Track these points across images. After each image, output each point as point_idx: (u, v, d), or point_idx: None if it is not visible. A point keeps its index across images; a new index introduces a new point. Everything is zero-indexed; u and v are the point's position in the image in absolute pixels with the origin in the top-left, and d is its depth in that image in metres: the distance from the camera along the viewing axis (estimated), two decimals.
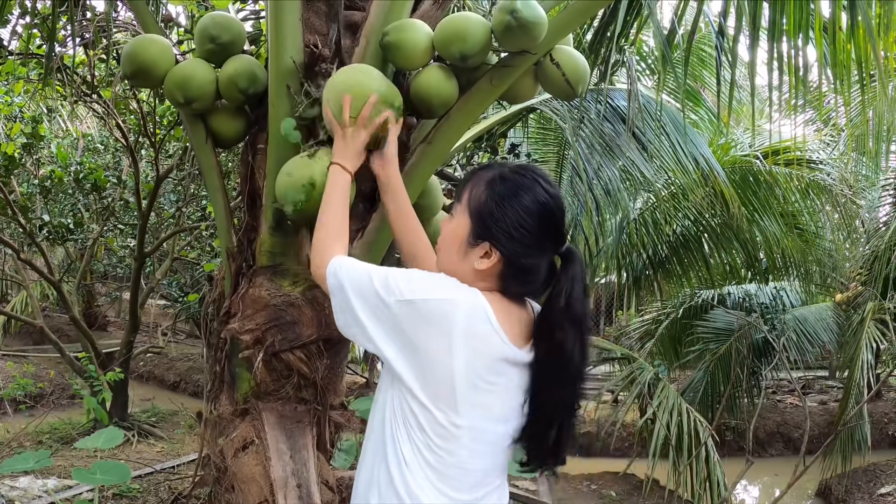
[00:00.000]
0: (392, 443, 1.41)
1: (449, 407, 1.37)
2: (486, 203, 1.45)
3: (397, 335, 1.40)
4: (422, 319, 1.37)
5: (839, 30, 2.74)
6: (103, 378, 5.81)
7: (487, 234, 1.44)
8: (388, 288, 1.40)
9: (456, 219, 1.51)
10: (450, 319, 1.35)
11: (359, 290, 1.46)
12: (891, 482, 7.03)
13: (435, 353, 1.36)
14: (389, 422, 1.43)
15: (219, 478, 2.22)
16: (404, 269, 1.50)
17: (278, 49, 2.08)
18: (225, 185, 2.40)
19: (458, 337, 1.35)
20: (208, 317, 2.43)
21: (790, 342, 7.73)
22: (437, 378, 1.37)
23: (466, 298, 1.38)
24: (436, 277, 1.44)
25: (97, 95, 5.69)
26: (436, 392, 1.37)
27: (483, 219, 1.45)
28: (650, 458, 5.41)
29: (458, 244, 1.48)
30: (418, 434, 1.38)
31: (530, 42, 2.02)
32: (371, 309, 1.43)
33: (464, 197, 1.50)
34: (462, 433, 1.39)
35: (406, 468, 1.39)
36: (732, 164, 6.32)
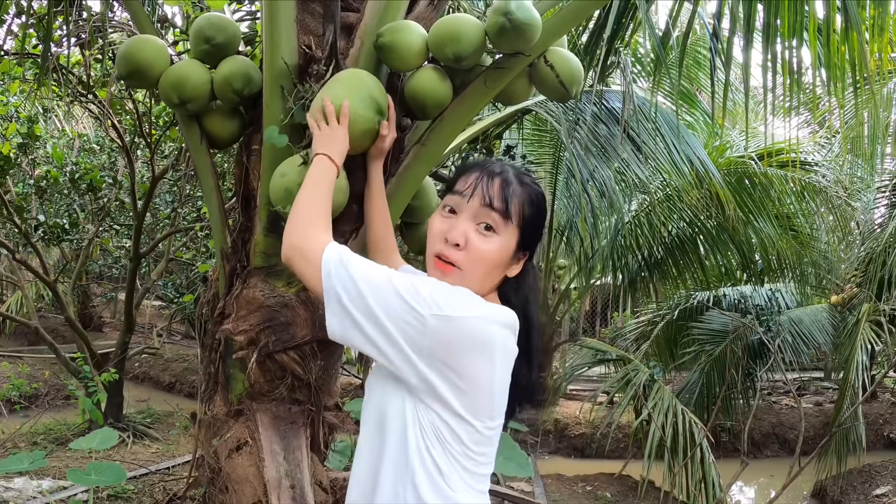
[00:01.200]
0: (420, 458, 1.34)
1: (487, 416, 1.38)
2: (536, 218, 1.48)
3: (430, 351, 1.31)
4: (460, 338, 1.32)
5: (833, 32, 2.75)
6: (98, 379, 5.80)
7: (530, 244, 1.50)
8: (420, 298, 1.31)
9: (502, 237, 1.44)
10: (492, 339, 1.34)
11: (380, 294, 1.33)
12: (886, 483, 7.04)
13: (477, 370, 1.34)
14: (414, 437, 1.35)
15: (213, 479, 2.22)
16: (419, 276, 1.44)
17: (273, 50, 2.08)
18: (220, 186, 2.41)
19: (498, 355, 1.36)
20: (203, 317, 2.43)
21: (785, 344, 7.74)
22: (480, 393, 1.35)
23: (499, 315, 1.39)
24: (465, 293, 1.37)
25: (93, 95, 5.68)
26: (476, 405, 1.35)
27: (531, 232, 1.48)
28: (645, 459, 5.41)
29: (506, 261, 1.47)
30: (455, 446, 1.35)
31: (524, 44, 2.03)
32: (398, 318, 1.31)
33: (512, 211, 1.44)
34: (492, 433, 1.42)
35: (442, 480, 1.35)
36: (728, 166, 6.33)
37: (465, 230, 1.43)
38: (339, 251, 1.40)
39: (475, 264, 1.43)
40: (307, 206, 1.55)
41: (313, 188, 1.60)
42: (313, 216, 1.53)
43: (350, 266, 1.36)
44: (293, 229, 1.50)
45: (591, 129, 4.18)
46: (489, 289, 1.48)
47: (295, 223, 1.52)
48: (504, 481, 5.77)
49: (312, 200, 1.57)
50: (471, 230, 1.43)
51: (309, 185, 1.61)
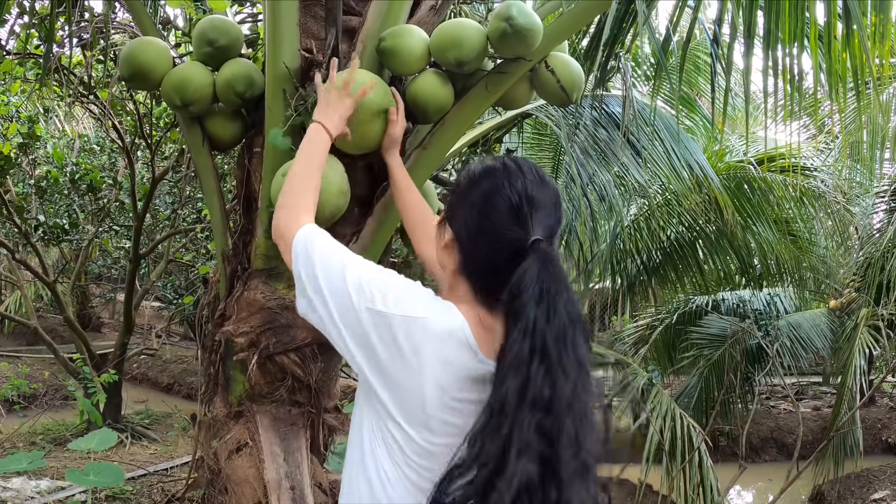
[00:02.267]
0: (372, 458, 1.30)
1: (424, 427, 1.27)
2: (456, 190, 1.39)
3: (365, 344, 1.28)
4: (390, 335, 1.25)
5: (834, 38, 2.76)
6: (97, 380, 5.80)
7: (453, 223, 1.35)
8: (360, 289, 1.28)
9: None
10: (420, 341, 1.24)
11: (330, 277, 1.33)
12: (884, 487, 7.05)
13: (404, 374, 1.25)
14: (368, 439, 1.32)
15: (212, 480, 2.22)
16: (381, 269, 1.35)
17: (275, 53, 2.09)
18: (221, 188, 2.41)
19: (428, 360, 1.24)
20: (203, 319, 2.44)
21: (784, 348, 7.75)
22: (408, 398, 1.26)
23: (440, 317, 1.27)
24: (411, 290, 1.31)
25: (94, 96, 5.69)
26: (408, 411, 1.27)
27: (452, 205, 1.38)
28: (644, 463, 5.42)
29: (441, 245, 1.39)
30: (399, 454, 1.28)
31: (525, 49, 2.04)
32: (342, 306, 1.30)
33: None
34: (439, 450, 1.28)
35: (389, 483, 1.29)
36: (727, 171, 6.34)
37: None
38: (308, 233, 1.42)
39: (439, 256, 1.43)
40: (296, 186, 1.57)
41: (305, 164, 1.62)
42: (299, 199, 1.54)
43: (313, 248, 1.38)
44: (279, 213, 1.54)
45: (590, 134, 4.19)
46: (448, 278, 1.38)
47: (282, 205, 1.54)
48: None
49: (302, 179, 1.58)
50: None
51: (301, 161, 1.63)
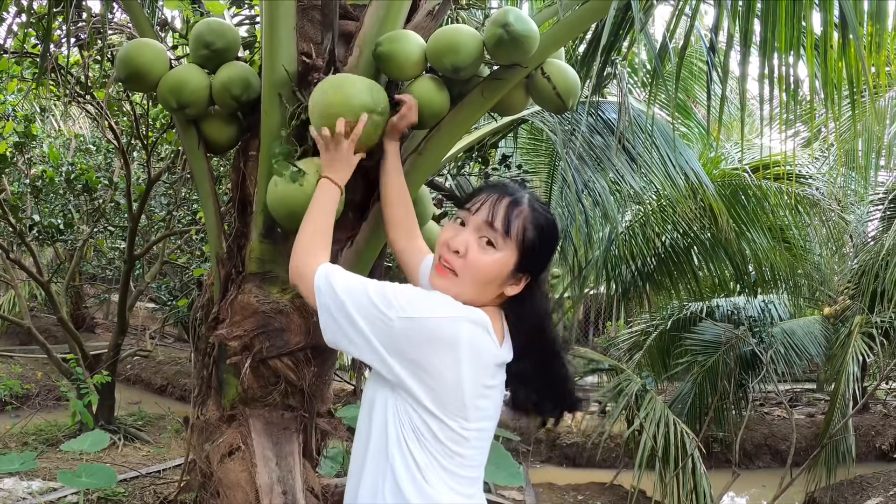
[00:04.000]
0: (400, 451, 1.45)
1: (459, 415, 1.45)
2: (537, 243, 1.53)
3: (400, 350, 1.43)
4: (426, 337, 1.42)
5: (830, 47, 2.77)
6: (90, 381, 5.78)
7: (531, 269, 1.55)
8: (388, 302, 1.44)
9: (500, 253, 1.51)
10: (456, 337, 1.42)
11: (357, 300, 1.47)
12: (877, 494, 7.07)
13: (443, 369, 1.42)
14: (394, 431, 1.46)
15: (204, 483, 2.22)
16: (397, 284, 1.51)
17: (272, 57, 2.09)
18: (216, 191, 2.41)
19: (464, 353, 1.42)
20: (197, 322, 2.43)
21: (778, 355, 7.75)
22: (447, 391, 1.43)
23: (469, 315, 1.45)
24: (434, 296, 1.48)
25: (90, 96, 5.68)
26: (445, 403, 1.44)
27: (531, 257, 1.53)
28: (637, 469, 5.43)
29: (502, 278, 1.53)
30: (432, 443, 1.44)
31: (522, 55, 2.05)
32: (372, 322, 1.44)
33: (513, 232, 1.51)
34: (471, 435, 1.48)
35: (419, 474, 1.44)
36: (722, 178, 6.35)
37: (467, 240, 1.53)
38: (327, 269, 1.56)
39: (469, 273, 1.51)
40: (310, 233, 1.71)
41: (319, 215, 1.75)
42: (315, 243, 1.69)
43: (333, 279, 1.53)
44: (298, 257, 1.67)
45: (586, 140, 4.19)
46: (484, 302, 1.54)
47: (299, 250, 1.68)
48: (495, 490, 5.76)
49: (316, 227, 1.72)
50: (472, 241, 1.53)
51: (315, 211, 1.76)
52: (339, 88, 1.91)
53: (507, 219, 1.52)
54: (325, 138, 1.84)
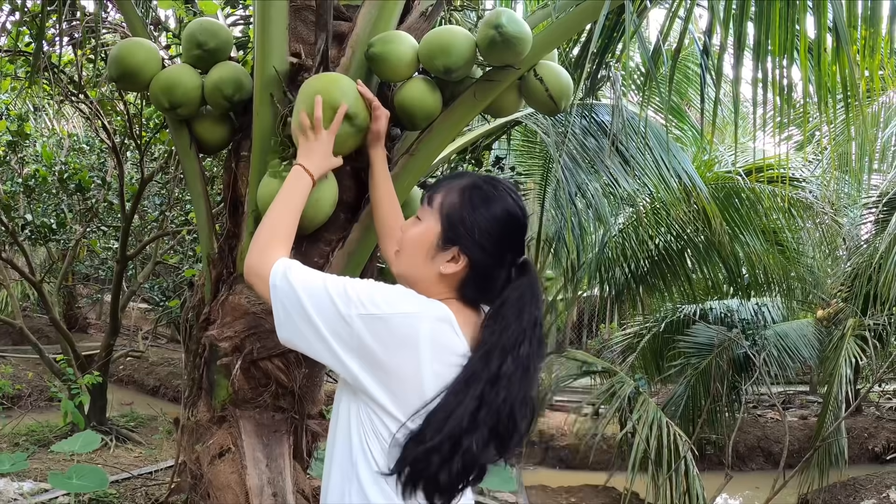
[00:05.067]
0: (363, 455, 1.39)
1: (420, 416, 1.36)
2: (459, 209, 1.47)
3: (360, 349, 1.36)
4: (388, 334, 1.35)
5: (824, 51, 2.78)
6: (81, 381, 5.76)
7: (457, 239, 1.46)
8: (348, 300, 1.38)
9: (424, 223, 1.51)
10: (417, 334, 1.35)
11: (315, 298, 1.40)
12: (870, 496, 7.09)
13: (403, 367, 1.36)
14: (357, 436, 1.40)
15: (195, 485, 2.21)
16: (358, 279, 1.44)
17: (264, 57, 2.08)
18: (208, 192, 2.40)
19: (425, 350, 1.35)
20: (188, 323, 2.42)
21: (771, 357, 7.77)
22: (408, 391, 1.36)
23: (431, 311, 1.40)
24: (397, 291, 1.42)
25: (84, 95, 5.66)
26: (406, 404, 1.36)
27: (454, 224, 1.47)
28: (629, 471, 5.42)
29: (426, 248, 1.49)
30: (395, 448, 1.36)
31: (514, 57, 2.04)
32: (329, 320, 1.38)
33: (435, 202, 1.51)
34: None
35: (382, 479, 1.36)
36: (715, 181, 6.36)
37: (407, 221, 1.60)
38: (285, 265, 1.48)
39: (403, 248, 1.54)
40: (272, 224, 1.63)
41: (284, 203, 1.67)
42: (276, 235, 1.60)
43: (291, 275, 1.45)
44: (253, 251, 1.59)
45: (580, 142, 4.20)
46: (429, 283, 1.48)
47: (255, 247, 1.59)
48: (489, 493, 5.76)
49: (280, 217, 1.64)
50: (410, 220, 1.58)
51: (280, 200, 1.68)
52: (323, 79, 1.91)
53: (433, 190, 1.52)
54: (304, 125, 1.79)
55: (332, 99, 1.83)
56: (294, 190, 1.70)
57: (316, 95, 1.82)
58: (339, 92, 1.86)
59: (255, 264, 1.55)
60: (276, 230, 1.61)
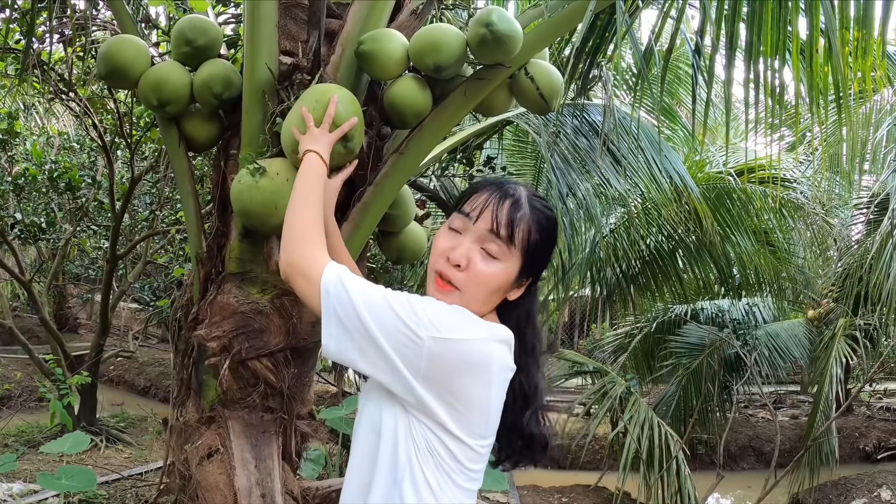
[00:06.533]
0: (409, 471, 1.34)
1: (482, 435, 1.38)
2: (539, 246, 1.44)
3: (427, 371, 1.30)
4: (460, 360, 1.31)
5: (816, 52, 2.78)
6: (70, 382, 5.73)
7: (534, 272, 1.47)
8: (418, 320, 1.30)
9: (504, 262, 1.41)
10: (489, 361, 1.34)
11: (378, 315, 1.32)
12: (861, 495, 7.11)
13: (474, 393, 1.34)
14: (405, 453, 1.34)
15: (184, 486, 2.19)
16: (416, 295, 1.38)
17: (253, 55, 2.07)
18: (196, 191, 2.39)
19: (496, 377, 1.36)
20: (177, 322, 2.41)
21: (762, 357, 7.80)
22: (475, 414, 1.35)
23: (498, 335, 1.38)
24: (463, 315, 1.37)
25: (74, 93, 5.62)
26: (471, 425, 1.35)
27: (533, 260, 1.45)
28: (621, 471, 5.42)
29: (507, 286, 1.44)
30: (450, 463, 1.35)
31: (505, 55, 2.03)
32: (395, 339, 1.30)
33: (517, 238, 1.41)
34: (485, 450, 1.41)
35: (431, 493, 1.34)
36: (707, 181, 6.38)
37: (468, 252, 1.40)
38: (338, 271, 1.39)
39: (475, 287, 1.41)
40: (302, 217, 1.52)
41: (306, 194, 1.56)
42: (310, 230, 1.50)
43: (348, 286, 1.35)
44: (292, 246, 1.48)
45: (571, 142, 4.19)
46: (487, 310, 1.46)
47: (292, 238, 1.49)
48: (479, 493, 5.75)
49: (306, 210, 1.53)
50: (474, 252, 1.40)
51: (300, 191, 1.56)
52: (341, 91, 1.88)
53: (511, 226, 1.40)
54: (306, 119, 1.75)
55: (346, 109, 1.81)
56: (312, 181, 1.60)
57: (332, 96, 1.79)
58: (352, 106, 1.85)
59: (301, 263, 1.44)
60: (307, 220, 1.51)
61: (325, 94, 1.81)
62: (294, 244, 1.48)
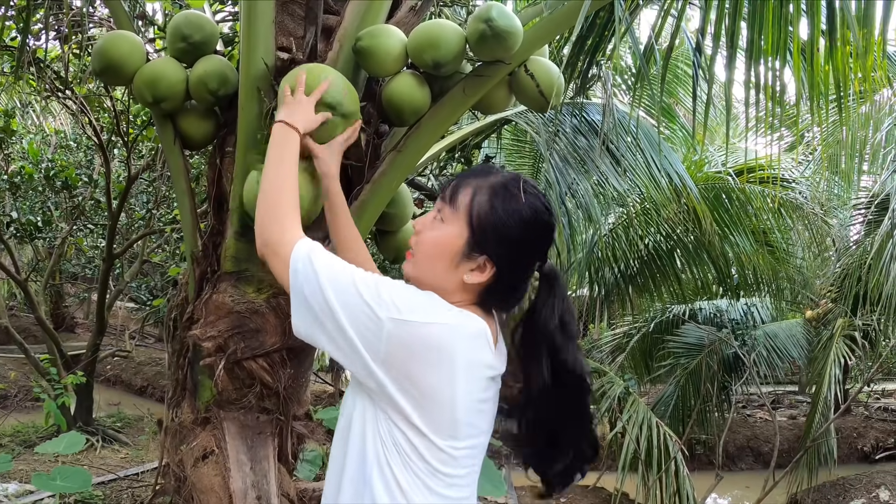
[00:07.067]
0: (380, 472, 1.28)
1: (450, 435, 1.29)
2: (490, 214, 1.33)
3: (387, 356, 1.25)
4: (421, 345, 1.24)
5: (817, 51, 2.76)
6: (65, 381, 5.70)
7: (486, 247, 1.34)
8: (380, 299, 1.25)
9: (448, 226, 1.36)
10: (453, 349, 1.26)
11: (342, 292, 1.27)
12: (860, 496, 7.11)
13: (436, 383, 1.25)
14: (373, 448, 1.29)
15: (178, 488, 2.17)
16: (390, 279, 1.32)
17: (249, 51, 2.05)
18: (192, 189, 2.36)
19: (460, 366, 1.26)
20: (172, 322, 2.38)
21: (760, 357, 7.79)
22: (437, 408, 1.27)
23: (467, 323, 1.30)
24: (431, 298, 1.31)
25: (70, 91, 5.59)
26: (435, 420, 1.27)
27: (485, 230, 1.33)
28: (620, 471, 5.41)
29: (451, 255, 1.34)
30: (418, 463, 1.28)
31: (505, 52, 2.01)
32: (357, 319, 1.25)
33: (460, 201, 1.35)
34: (461, 454, 1.32)
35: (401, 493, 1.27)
36: (706, 181, 6.37)
37: (426, 218, 1.40)
38: (308, 247, 1.35)
39: (420, 250, 1.38)
40: (275, 192, 1.49)
41: (277, 169, 1.52)
42: (283, 205, 1.47)
43: (316, 262, 1.32)
44: (264, 222, 1.46)
45: (570, 142, 4.17)
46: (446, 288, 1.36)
47: (266, 214, 1.47)
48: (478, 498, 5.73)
49: (278, 183, 1.50)
50: (429, 218, 1.40)
51: (271, 166, 1.53)
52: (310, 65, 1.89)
53: (456, 188, 1.36)
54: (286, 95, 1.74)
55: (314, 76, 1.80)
56: (282, 147, 1.57)
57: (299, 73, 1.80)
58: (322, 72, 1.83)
59: (273, 240, 1.42)
60: (280, 194, 1.48)
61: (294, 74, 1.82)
62: (266, 220, 1.46)
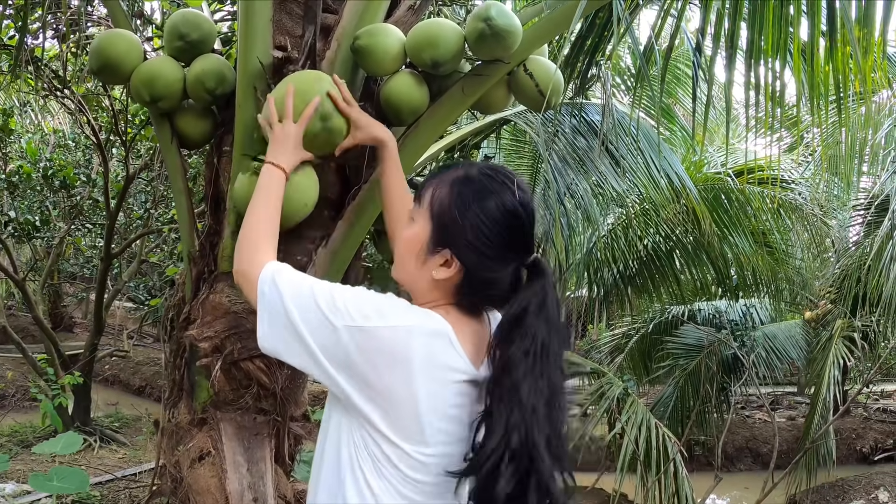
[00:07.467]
0: (353, 478, 1.28)
1: (419, 440, 1.26)
2: (448, 207, 1.32)
3: (347, 364, 1.25)
4: (375, 350, 1.23)
5: (817, 52, 2.75)
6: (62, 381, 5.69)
7: (448, 241, 1.32)
8: (335, 308, 1.26)
9: (416, 223, 1.37)
10: (408, 350, 1.23)
11: (302, 307, 1.29)
12: (858, 497, 7.11)
13: (394, 387, 1.24)
14: (347, 454, 1.29)
15: (175, 489, 2.16)
16: (348, 287, 1.32)
17: (247, 50, 2.03)
18: (189, 188, 2.35)
19: (417, 368, 1.24)
20: (169, 322, 2.37)
21: (759, 358, 7.78)
22: (401, 413, 1.25)
23: (426, 324, 1.27)
24: (388, 301, 1.29)
25: (68, 91, 5.58)
26: (401, 426, 1.25)
27: (444, 224, 1.32)
28: (618, 472, 5.39)
29: (417, 251, 1.35)
30: (389, 469, 1.26)
31: (504, 51, 2.00)
32: (316, 331, 1.27)
33: (424, 199, 1.36)
34: (433, 462, 1.29)
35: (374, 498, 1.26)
36: (705, 182, 6.35)
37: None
38: (273, 269, 1.38)
39: (396, 252, 1.44)
40: (254, 227, 1.55)
41: (263, 206, 1.59)
42: (260, 238, 1.52)
43: (279, 281, 1.35)
44: (241, 254, 1.51)
45: (569, 142, 4.16)
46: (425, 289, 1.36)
47: (243, 247, 1.52)
48: None
49: (260, 219, 1.56)
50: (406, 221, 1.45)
51: (258, 201, 1.60)
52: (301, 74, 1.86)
53: (424, 185, 1.37)
54: (271, 115, 1.73)
55: (305, 92, 1.76)
56: (269, 187, 1.62)
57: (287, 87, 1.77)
58: (315, 86, 1.79)
59: (244, 268, 1.46)
60: (258, 230, 1.53)
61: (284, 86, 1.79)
62: (242, 253, 1.51)
